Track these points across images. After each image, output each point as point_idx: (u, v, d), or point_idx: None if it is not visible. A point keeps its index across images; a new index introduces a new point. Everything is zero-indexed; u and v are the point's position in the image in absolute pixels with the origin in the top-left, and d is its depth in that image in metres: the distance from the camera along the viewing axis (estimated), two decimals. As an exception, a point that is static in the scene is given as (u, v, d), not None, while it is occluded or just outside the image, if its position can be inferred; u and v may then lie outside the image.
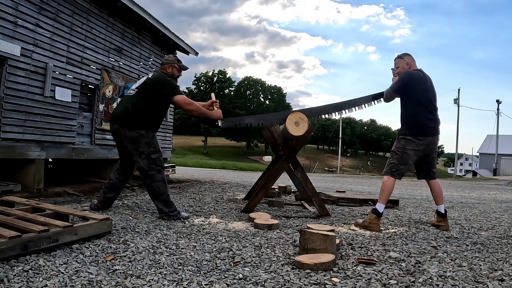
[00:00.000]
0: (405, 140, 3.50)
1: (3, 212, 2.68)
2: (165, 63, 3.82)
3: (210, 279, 1.94)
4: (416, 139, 3.46)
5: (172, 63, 3.82)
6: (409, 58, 3.69)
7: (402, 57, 3.72)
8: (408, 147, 3.48)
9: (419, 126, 3.48)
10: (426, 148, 3.52)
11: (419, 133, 3.47)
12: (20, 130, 4.93)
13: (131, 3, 6.52)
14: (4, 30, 4.63)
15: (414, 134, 3.47)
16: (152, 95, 3.59)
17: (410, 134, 3.49)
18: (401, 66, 3.70)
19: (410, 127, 3.52)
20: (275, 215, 4.09)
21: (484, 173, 37.34)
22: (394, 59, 3.80)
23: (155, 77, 3.68)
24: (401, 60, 3.72)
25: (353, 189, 9.40)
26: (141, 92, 3.62)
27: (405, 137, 3.51)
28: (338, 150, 44.81)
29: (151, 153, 3.57)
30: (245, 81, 71.06)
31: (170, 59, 3.86)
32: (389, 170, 3.53)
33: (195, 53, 9.26)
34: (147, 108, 3.59)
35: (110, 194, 3.80)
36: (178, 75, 3.93)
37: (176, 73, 3.86)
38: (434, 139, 3.54)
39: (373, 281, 1.97)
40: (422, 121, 3.48)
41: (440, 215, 3.61)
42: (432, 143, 3.54)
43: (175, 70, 3.85)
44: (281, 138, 4.49)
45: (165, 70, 3.79)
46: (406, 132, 3.52)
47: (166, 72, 3.77)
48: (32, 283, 1.76)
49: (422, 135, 3.46)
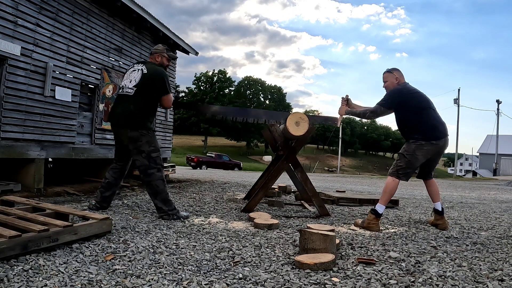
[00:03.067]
0: (416, 145, 3.44)
1: (3, 212, 2.68)
2: (154, 53, 3.84)
3: (210, 278, 1.94)
4: (429, 143, 3.42)
5: (161, 52, 3.83)
6: (398, 73, 3.67)
7: (391, 72, 3.69)
8: (418, 152, 3.43)
9: (431, 130, 3.44)
10: (438, 151, 3.51)
11: (432, 137, 3.43)
12: (20, 130, 4.93)
13: (131, 3, 6.52)
14: (4, 29, 4.62)
15: (427, 139, 3.42)
16: (151, 90, 3.60)
17: (422, 139, 3.43)
18: (389, 81, 3.67)
19: (421, 131, 3.45)
20: (275, 215, 4.09)
21: (484, 173, 37.34)
22: (383, 72, 3.75)
23: (154, 71, 3.64)
24: (390, 74, 3.68)
25: (353, 189, 9.40)
26: (140, 90, 3.58)
27: (417, 142, 3.44)
28: (338, 150, 44.82)
29: (151, 152, 3.58)
30: (245, 81, 71.09)
31: (159, 49, 3.87)
32: (395, 172, 3.50)
33: (195, 52, 9.25)
34: (147, 106, 3.61)
35: (107, 193, 3.79)
36: (168, 64, 3.94)
37: (165, 62, 3.87)
38: (446, 140, 3.53)
39: (373, 281, 1.97)
40: (433, 123, 3.46)
41: (437, 213, 3.61)
42: (443, 147, 3.52)
43: (164, 59, 3.86)
44: (281, 138, 4.49)
45: (154, 60, 3.80)
46: (419, 137, 3.44)
47: (156, 61, 3.79)
48: (32, 282, 1.76)
49: (435, 138, 3.44)
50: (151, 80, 3.59)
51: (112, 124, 3.75)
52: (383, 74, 3.76)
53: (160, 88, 3.62)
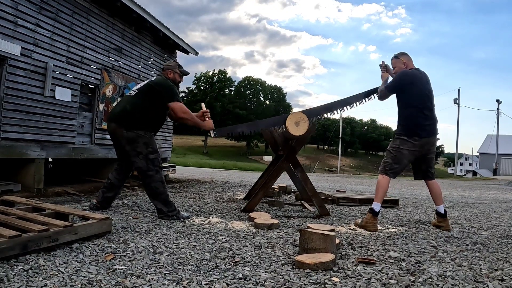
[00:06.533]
0: (400, 140, 3.50)
1: (3, 212, 2.68)
2: (166, 69, 3.84)
3: (210, 278, 1.94)
4: (411, 139, 3.45)
5: (173, 69, 3.84)
6: (405, 58, 3.67)
7: (399, 57, 3.69)
8: (402, 146, 3.47)
9: (413, 127, 3.46)
10: (421, 148, 3.50)
11: (413, 133, 3.46)
12: (20, 130, 4.93)
13: (131, 3, 6.52)
14: (4, 29, 4.62)
15: (409, 135, 3.47)
16: (152, 97, 3.60)
17: (404, 134, 3.49)
18: (397, 66, 3.68)
19: (404, 127, 3.52)
20: (275, 214, 4.09)
21: (484, 173, 37.34)
22: (391, 59, 3.77)
23: (157, 80, 3.70)
24: (397, 60, 3.69)
25: (353, 189, 9.40)
26: (142, 93, 3.62)
27: (400, 137, 3.51)
28: (338, 150, 44.82)
29: (149, 154, 3.57)
30: (245, 81, 71.06)
31: (171, 65, 3.88)
32: (383, 169, 3.55)
33: (195, 52, 9.26)
34: (146, 109, 3.58)
35: (109, 194, 3.79)
36: (180, 81, 3.95)
37: (177, 79, 3.88)
38: (430, 139, 3.52)
39: (373, 280, 1.97)
40: (416, 122, 3.46)
41: (440, 216, 3.61)
42: (427, 144, 3.51)
43: (177, 76, 3.86)
44: (281, 138, 4.49)
45: (167, 76, 3.81)
46: (401, 132, 3.53)
47: (168, 78, 3.79)
48: (32, 282, 1.76)
49: (417, 135, 3.45)
50: (154, 86, 3.62)
51: (108, 122, 3.74)
52: (391, 60, 3.78)
53: (165, 95, 3.60)
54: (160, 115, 3.74)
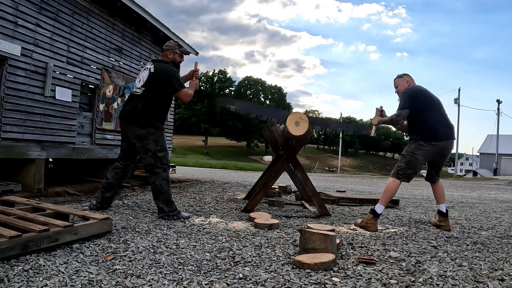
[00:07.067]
0: (416, 145, 3.48)
1: (3, 212, 2.68)
2: (166, 50, 3.80)
3: (210, 278, 1.94)
4: (427, 143, 3.43)
5: (173, 49, 3.79)
6: (408, 77, 3.75)
7: (402, 77, 3.77)
8: (417, 151, 3.45)
9: (431, 131, 3.44)
10: (438, 153, 3.49)
11: (431, 137, 3.43)
12: (20, 130, 4.94)
13: (131, 3, 6.52)
14: (4, 30, 4.63)
15: (426, 139, 3.44)
16: (159, 89, 3.58)
17: (421, 139, 3.46)
18: (400, 85, 3.73)
19: (421, 132, 3.48)
20: (275, 214, 4.09)
21: (485, 173, 37.33)
22: (394, 79, 3.82)
23: (161, 69, 3.63)
24: (401, 79, 3.76)
25: (354, 189, 9.40)
26: (148, 88, 3.58)
27: (416, 142, 3.49)
28: (339, 150, 44.80)
29: (157, 151, 3.58)
30: (245, 81, 71.08)
31: (170, 45, 3.83)
32: (396, 172, 3.54)
33: (195, 53, 9.25)
34: (156, 104, 3.60)
35: (108, 194, 3.77)
36: (180, 60, 3.92)
37: (178, 59, 3.84)
38: (447, 144, 3.51)
39: (373, 280, 1.97)
40: (434, 126, 3.46)
41: (441, 215, 3.61)
42: (445, 149, 3.51)
43: (177, 56, 3.82)
44: (281, 138, 4.49)
45: (166, 57, 3.77)
46: (417, 137, 3.49)
47: (168, 59, 3.76)
48: (32, 282, 1.76)
49: (434, 139, 3.44)
50: (158, 79, 3.59)
51: (121, 121, 3.76)
52: (394, 80, 3.83)
53: (169, 86, 3.61)
54: (167, 104, 3.76)
